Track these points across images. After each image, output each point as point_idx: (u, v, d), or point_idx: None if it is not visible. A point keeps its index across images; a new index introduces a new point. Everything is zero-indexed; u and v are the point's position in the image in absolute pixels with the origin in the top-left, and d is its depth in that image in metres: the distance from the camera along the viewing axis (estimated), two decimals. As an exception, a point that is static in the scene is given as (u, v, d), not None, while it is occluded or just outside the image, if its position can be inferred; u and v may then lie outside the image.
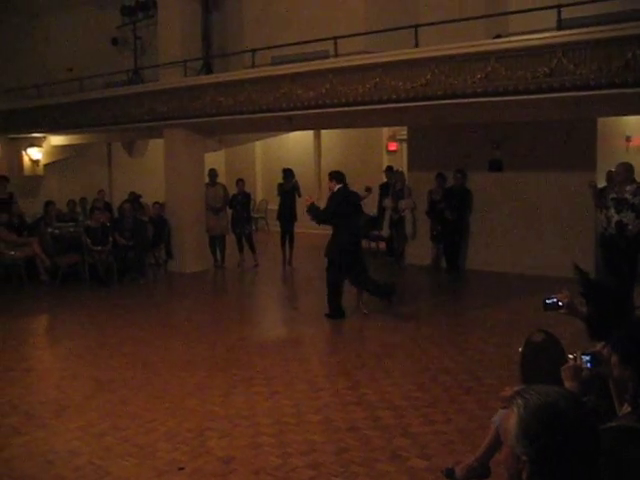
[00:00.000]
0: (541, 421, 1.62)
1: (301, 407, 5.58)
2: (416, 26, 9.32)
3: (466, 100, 8.84)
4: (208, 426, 5.21)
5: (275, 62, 11.38)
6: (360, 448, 4.73)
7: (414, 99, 9.24)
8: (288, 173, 13.06)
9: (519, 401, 1.68)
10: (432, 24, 9.16)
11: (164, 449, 4.81)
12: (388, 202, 12.82)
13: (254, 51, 11.19)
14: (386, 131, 16.99)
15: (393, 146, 17.08)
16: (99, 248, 11.45)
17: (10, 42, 15.29)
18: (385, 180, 13.92)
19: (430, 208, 12.20)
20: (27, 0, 15.72)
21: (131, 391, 6.13)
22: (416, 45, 9.29)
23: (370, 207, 14.32)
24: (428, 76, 9.02)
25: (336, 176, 8.99)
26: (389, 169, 14.00)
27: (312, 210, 9.00)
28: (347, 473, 4.37)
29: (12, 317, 9.39)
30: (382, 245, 13.93)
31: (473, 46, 8.69)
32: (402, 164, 14.99)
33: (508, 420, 1.69)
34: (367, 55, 9.78)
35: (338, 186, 8.91)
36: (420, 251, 12.53)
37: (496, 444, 3.66)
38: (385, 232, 12.95)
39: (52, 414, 5.63)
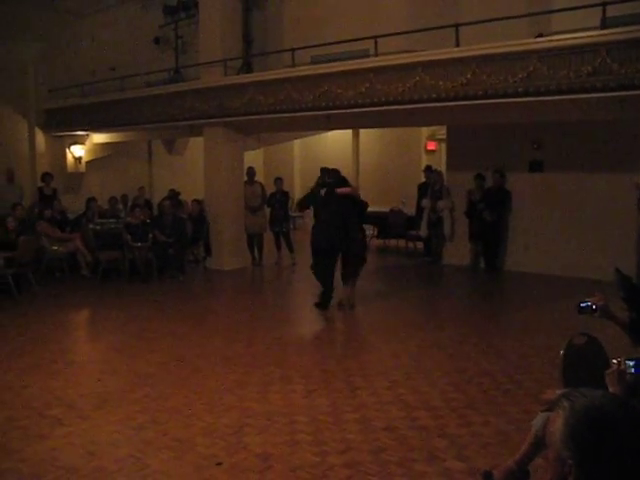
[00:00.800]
0: (588, 424, 1.59)
1: (338, 405, 5.59)
2: (457, 25, 9.26)
3: (507, 100, 8.77)
4: (246, 422, 5.25)
5: (315, 61, 11.43)
6: (397, 448, 4.72)
7: (454, 98, 9.19)
8: (325, 172, 13.05)
9: (565, 404, 1.65)
10: (473, 23, 9.08)
11: (202, 444, 4.86)
12: (426, 202, 12.76)
13: (294, 50, 11.23)
14: (425, 130, 16.91)
15: (432, 146, 16.99)
16: (139, 245, 11.63)
17: (56, 42, 15.60)
18: (424, 180, 13.86)
19: (469, 208, 12.12)
20: (73, 1, 16.01)
21: (170, 386, 6.20)
22: (457, 44, 9.23)
23: (408, 207, 14.31)
24: (469, 75, 8.97)
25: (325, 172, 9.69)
26: (428, 169, 13.93)
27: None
28: (384, 473, 4.36)
29: (54, 311, 9.60)
30: (420, 245, 13.87)
31: (515, 45, 8.61)
32: (441, 164, 14.92)
33: (553, 423, 1.67)
34: (407, 54, 9.75)
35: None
36: (458, 252, 12.46)
37: (535, 448, 3.62)
38: (423, 232, 12.89)
39: (93, 406, 5.73)
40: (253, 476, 4.36)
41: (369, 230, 14.97)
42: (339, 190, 9.08)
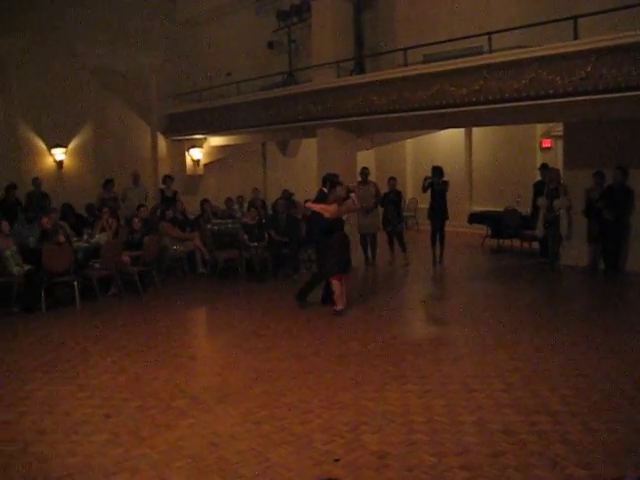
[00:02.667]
0: None
1: (454, 407, 5.56)
2: (575, 17, 8.93)
3: (629, 93, 8.37)
4: (362, 420, 5.32)
5: (427, 60, 11.34)
6: (516, 452, 4.65)
7: (572, 94, 8.87)
8: (438, 171, 12.97)
9: None
10: (593, 14, 8.75)
11: (320, 440, 4.97)
12: (542, 201, 12.38)
13: (406, 49, 11.20)
14: (540, 127, 16.42)
15: (547, 143, 16.48)
16: (255, 244, 11.98)
17: (175, 50, 16.30)
18: (539, 178, 13.48)
19: (587, 207, 11.68)
20: (190, 10, 16.68)
21: (287, 382, 6.37)
22: (575, 37, 8.92)
23: (523, 206, 13.96)
24: (588, 69, 8.63)
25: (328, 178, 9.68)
26: (543, 167, 13.52)
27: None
28: (502, 477, 4.31)
29: (176, 308, 10.07)
30: (535, 245, 13.50)
31: (638, 35, 8.22)
32: (556, 161, 14.46)
33: None
34: (523, 49, 9.50)
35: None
36: (576, 252, 12.04)
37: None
38: (539, 232, 12.53)
39: (215, 400, 5.98)
40: (370, 474, 4.42)
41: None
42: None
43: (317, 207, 9.24)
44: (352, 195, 9.21)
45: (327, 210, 9.03)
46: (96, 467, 4.64)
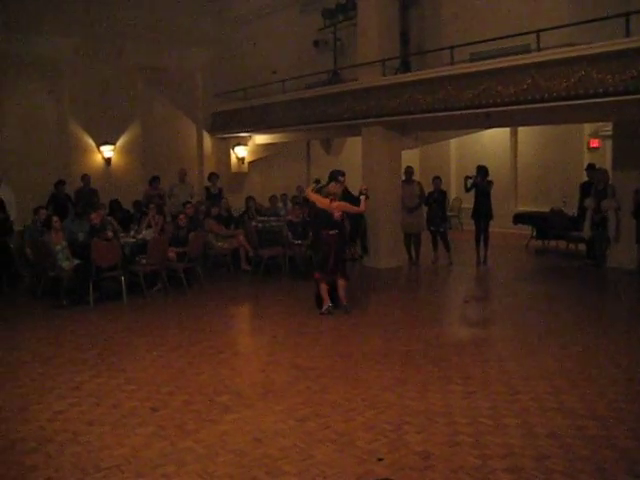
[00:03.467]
0: None
1: (499, 409, 5.51)
2: (627, 14, 8.77)
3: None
4: (405, 420, 5.31)
5: (474, 58, 11.25)
6: (562, 457, 4.59)
7: (623, 93, 8.71)
8: (482, 171, 12.85)
9: None
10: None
11: (363, 439, 4.98)
12: (589, 202, 12.19)
13: (452, 48, 11.12)
14: (587, 127, 16.15)
15: (595, 143, 16.19)
16: (299, 242, 12.04)
17: (221, 48, 16.44)
18: (586, 179, 13.27)
19: (636, 209, 11.44)
20: (236, 8, 16.82)
21: (330, 380, 6.39)
22: (627, 34, 8.74)
23: (570, 207, 13.74)
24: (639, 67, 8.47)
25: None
26: (591, 167, 13.31)
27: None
28: (548, 481, 4.27)
29: (220, 304, 10.19)
30: (582, 247, 13.28)
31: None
32: (604, 162, 14.20)
33: None
34: (572, 47, 9.36)
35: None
36: (624, 254, 11.81)
37: None
38: (586, 234, 12.33)
39: (259, 396, 6.03)
40: (414, 474, 4.41)
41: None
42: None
43: (313, 196, 9.13)
44: (362, 197, 9.02)
45: (320, 201, 8.97)
46: (143, 459, 4.73)
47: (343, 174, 9.16)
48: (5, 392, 6.27)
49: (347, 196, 9.53)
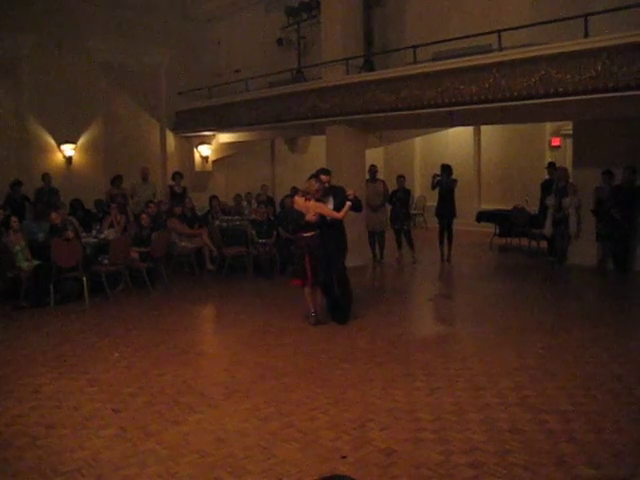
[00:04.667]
0: None
1: (462, 405, 5.55)
2: (586, 15, 8.88)
3: (640, 92, 8.34)
4: (369, 418, 5.32)
5: (437, 57, 11.33)
6: (524, 451, 4.64)
7: (582, 92, 8.84)
8: (446, 169, 12.96)
9: None
10: (604, 12, 8.71)
11: (327, 437, 4.97)
12: (550, 200, 12.36)
13: (415, 47, 11.17)
14: (549, 126, 16.39)
15: (556, 142, 16.46)
16: (263, 241, 11.99)
17: (184, 47, 16.32)
18: (547, 177, 13.45)
19: (596, 206, 11.64)
20: (200, 7, 16.70)
21: (294, 379, 6.37)
22: (586, 35, 8.88)
23: (531, 205, 13.92)
24: (598, 67, 8.60)
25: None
26: (552, 165, 13.50)
27: (356, 202, 8.49)
28: (510, 475, 4.30)
29: (184, 304, 10.08)
30: (543, 244, 13.46)
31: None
32: (565, 160, 14.43)
33: None
34: (532, 47, 9.48)
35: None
36: (585, 251, 12.00)
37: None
38: (547, 231, 12.50)
39: (222, 396, 5.99)
40: (377, 471, 4.42)
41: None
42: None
43: (296, 197, 8.63)
44: (347, 203, 8.23)
45: (296, 201, 8.50)
46: (104, 461, 4.66)
47: (326, 172, 8.48)
48: (-38, 396, 6.13)
49: (342, 197, 8.45)
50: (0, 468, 4.60)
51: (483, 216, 15.53)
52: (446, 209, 12.88)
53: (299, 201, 8.38)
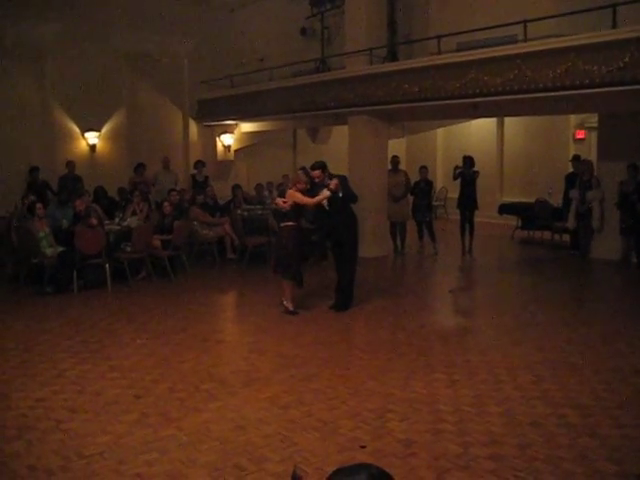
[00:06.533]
0: None
1: (482, 397, 5.54)
2: (614, 5, 8.78)
3: (669, 85, 8.22)
4: (389, 408, 5.33)
5: (461, 48, 11.25)
6: (544, 445, 4.62)
7: (609, 84, 8.73)
8: (468, 161, 12.87)
9: None
10: (633, 1, 8.58)
11: (346, 426, 4.99)
12: (574, 193, 12.26)
13: (439, 37, 11.10)
14: (573, 118, 16.19)
15: (581, 134, 16.25)
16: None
17: (208, 36, 16.33)
18: (571, 170, 13.32)
19: (621, 200, 11.51)
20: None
21: (314, 368, 6.39)
22: (614, 25, 8.76)
23: (555, 198, 13.80)
24: (626, 59, 8.48)
25: (323, 165, 8.44)
26: (576, 158, 13.36)
27: (349, 194, 8.40)
28: (530, 469, 4.28)
29: (205, 292, 10.14)
30: (566, 238, 13.35)
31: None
32: (590, 153, 14.27)
33: None
34: (559, 38, 9.37)
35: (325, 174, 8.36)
36: (608, 245, 11.89)
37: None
38: (570, 224, 12.40)
39: (242, 384, 6.03)
40: (396, 461, 4.42)
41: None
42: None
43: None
44: (324, 190, 8.18)
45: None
46: (126, 446, 4.72)
47: (319, 167, 8.35)
48: (-14, 379, 6.22)
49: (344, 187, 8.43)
50: (25, 450, 4.68)
51: (505, 208, 15.42)
52: (468, 201, 12.80)
53: (288, 191, 8.47)
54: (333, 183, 8.23)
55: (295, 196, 8.29)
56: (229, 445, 4.71)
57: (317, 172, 8.36)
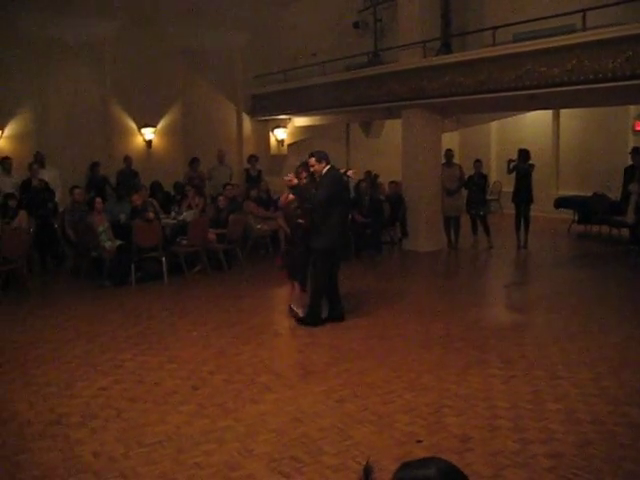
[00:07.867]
0: None
1: (539, 394, 5.47)
2: (677, -9, 8.53)
3: None
4: (445, 403, 5.31)
5: (517, 39, 11.06)
6: (604, 443, 4.54)
7: (673, 73, 8.48)
8: (524, 154, 12.65)
9: None
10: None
11: (402, 421, 4.99)
12: (634, 186, 11.93)
13: (495, 29, 10.94)
14: (633, 109, 15.75)
15: (641, 126, 15.80)
16: (338, 224, 12.00)
17: (261, 31, 16.41)
18: (631, 163, 12.97)
19: (682, 194, 11.18)
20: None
21: (369, 362, 6.40)
22: (679, 11, 8.51)
23: (613, 191, 13.47)
24: (692, 46, 8.23)
25: (323, 155, 7.78)
26: (636, 151, 12.99)
27: (297, 191, 7.80)
28: (590, 468, 4.21)
29: (260, 285, 10.25)
30: (625, 232, 13.02)
31: None
32: (651, 145, 13.84)
33: None
34: (619, 27, 9.12)
35: (327, 167, 7.70)
36: (669, 240, 11.55)
37: None
38: (629, 218, 12.08)
39: (298, 377, 6.09)
40: (453, 456, 4.36)
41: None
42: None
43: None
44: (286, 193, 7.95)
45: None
46: (185, 436, 4.82)
47: (311, 156, 7.91)
48: (51, 368, 6.42)
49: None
50: (88, 437, 4.83)
51: (561, 202, 15.11)
52: (523, 195, 12.59)
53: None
54: (290, 178, 7.80)
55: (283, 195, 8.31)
56: (285, 437, 4.77)
57: (312, 160, 7.78)
